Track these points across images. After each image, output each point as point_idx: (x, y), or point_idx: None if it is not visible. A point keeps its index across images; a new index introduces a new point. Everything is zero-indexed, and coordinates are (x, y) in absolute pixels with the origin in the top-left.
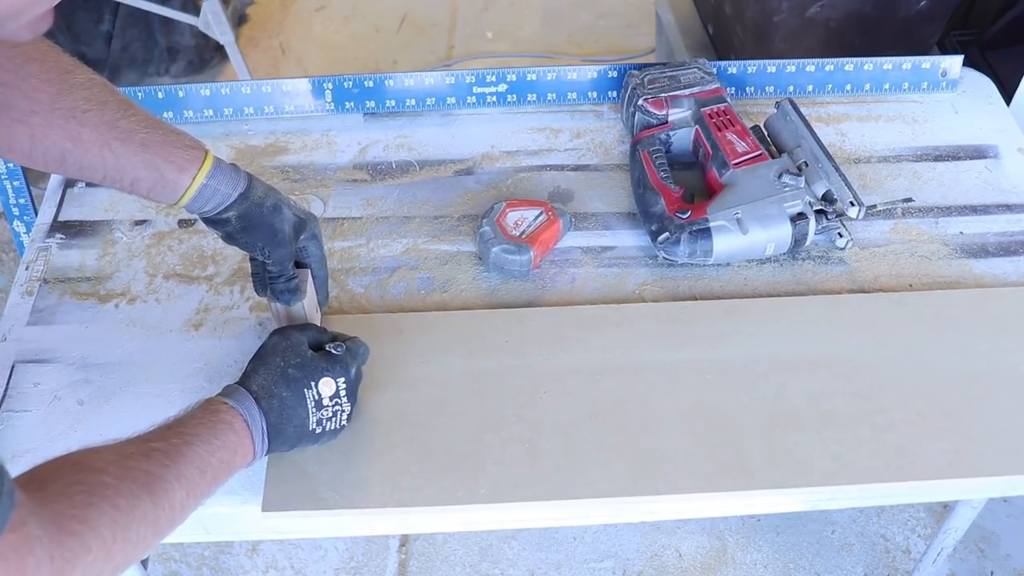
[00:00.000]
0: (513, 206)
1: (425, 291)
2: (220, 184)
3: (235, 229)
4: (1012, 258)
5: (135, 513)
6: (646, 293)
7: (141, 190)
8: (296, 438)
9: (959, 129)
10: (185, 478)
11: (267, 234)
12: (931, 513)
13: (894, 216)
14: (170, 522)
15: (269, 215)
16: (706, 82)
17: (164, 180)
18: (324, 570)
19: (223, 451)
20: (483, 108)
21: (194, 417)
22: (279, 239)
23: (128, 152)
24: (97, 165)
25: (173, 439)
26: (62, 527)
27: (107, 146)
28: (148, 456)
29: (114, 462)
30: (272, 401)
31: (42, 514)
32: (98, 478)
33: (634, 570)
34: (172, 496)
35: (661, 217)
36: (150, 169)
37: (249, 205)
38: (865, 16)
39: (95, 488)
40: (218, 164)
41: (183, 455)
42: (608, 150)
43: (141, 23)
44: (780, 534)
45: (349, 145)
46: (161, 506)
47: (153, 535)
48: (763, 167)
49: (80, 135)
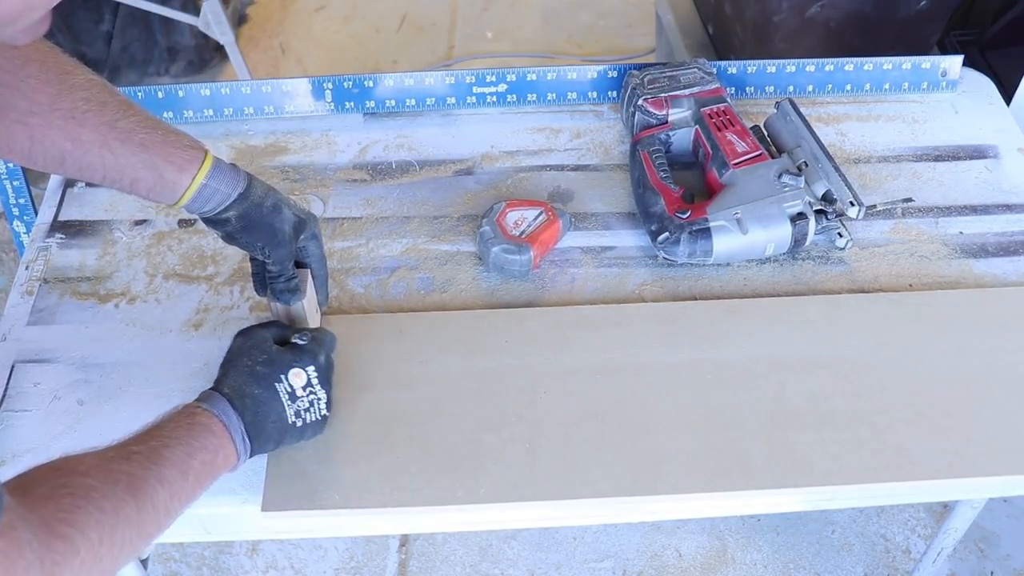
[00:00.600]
0: (513, 206)
1: (425, 291)
2: (220, 184)
3: (235, 229)
4: (1012, 258)
5: (120, 515)
6: (646, 293)
7: (141, 190)
8: (279, 434)
9: (959, 129)
10: (167, 480)
11: (267, 234)
12: (931, 513)
13: (894, 216)
14: (155, 524)
15: (269, 215)
16: (706, 82)
17: (164, 180)
18: (324, 570)
19: (203, 453)
20: (483, 108)
21: (171, 421)
22: (279, 239)
23: (127, 152)
24: (96, 165)
25: (152, 443)
26: (51, 530)
27: (106, 146)
28: (129, 459)
29: (96, 465)
30: (245, 400)
31: (30, 518)
32: (83, 481)
33: (634, 570)
34: (155, 498)
35: (661, 217)
36: (149, 169)
37: (249, 205)
38: (865, 16)
39: (80, 491)
40: (218, 164)
41: (163, 458)
42: (608, 150)
43: (141, 23)
44: (780, 534)
45: (349, 145)
46: (145, 508)
47: (138, 537)
48: (763, 167)
49: (79, 135)
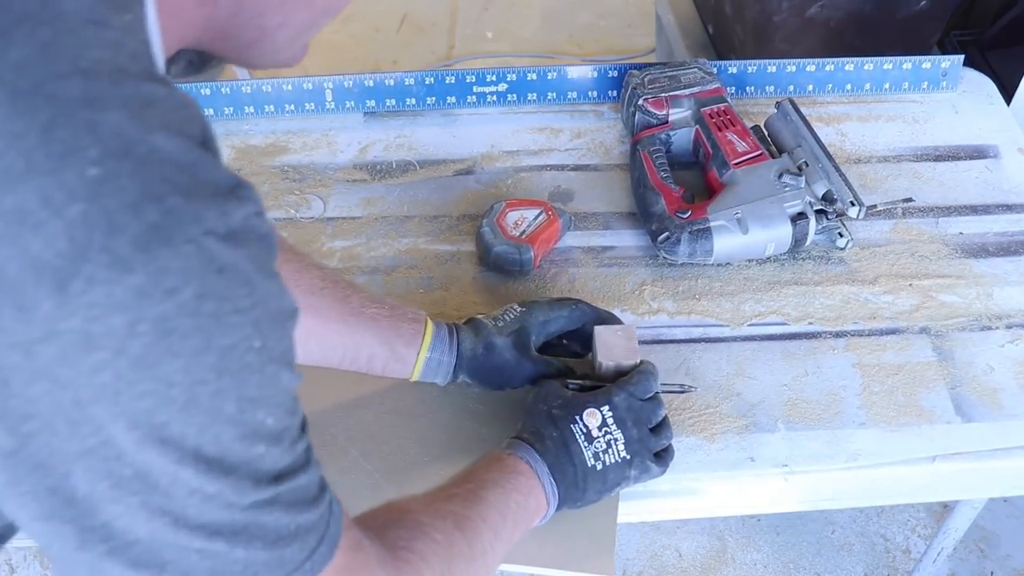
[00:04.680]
0: (513, 206)
1: (425, 291)
2: (442, 355)
3: (481, 386)
4: (1012, 258)
5: (453, 549)
6: (646, 293)
7: (377, 367)
8: (582, 479)
9: (959, 129)
10: (489, 520)
11: (496, 374)
12: (931, 513)
13: (894, 216)
14: (484, 566)
15: (486, 359)
16: (706, 82)
17: (396, 354)
18: None
19: (516, 494)
20: (483, 108)
21: (482, 467)
22: (510, 369)
23: (362, 328)
24: (336, 344)
25: (468, 485)
26: (395, 555)
27: (344, 322)
28: (450, 500)
29: (422, 503)
30: (546, 442)
31: (374, 540)
32: (412, 517)
33: (634, 570)
34: (482, 537)
35: (661, 217)
36: (383, 345)
37: (468, 363)
38: (865, 16)
39: (412, 525)
40: (437, 333)
41: (482, 499)
42: (608, 150)
43: None
44: (780, 534)
45: (349, 145)
46: (475, 545)
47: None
48: (763, 167)
49: (320, 311)
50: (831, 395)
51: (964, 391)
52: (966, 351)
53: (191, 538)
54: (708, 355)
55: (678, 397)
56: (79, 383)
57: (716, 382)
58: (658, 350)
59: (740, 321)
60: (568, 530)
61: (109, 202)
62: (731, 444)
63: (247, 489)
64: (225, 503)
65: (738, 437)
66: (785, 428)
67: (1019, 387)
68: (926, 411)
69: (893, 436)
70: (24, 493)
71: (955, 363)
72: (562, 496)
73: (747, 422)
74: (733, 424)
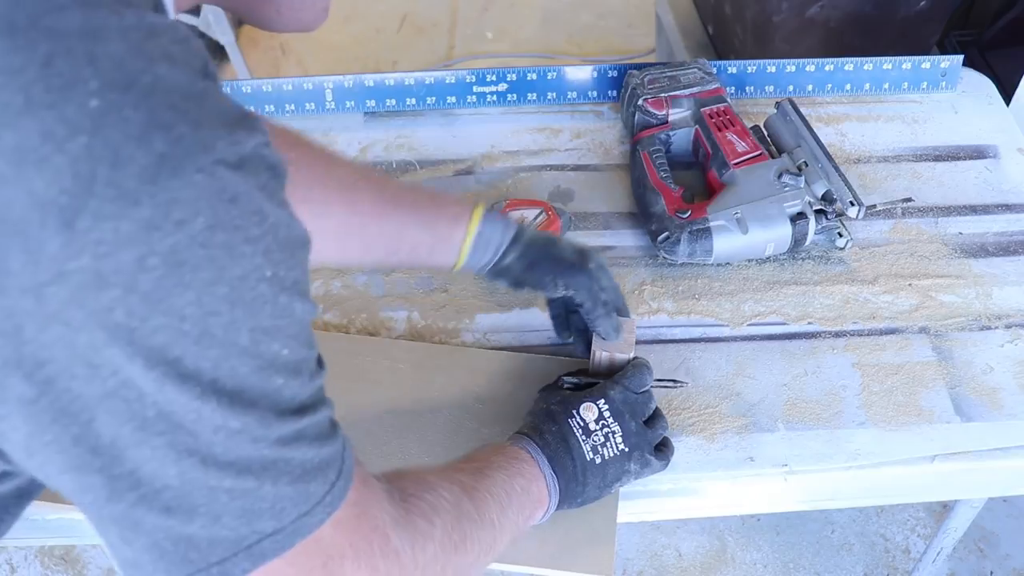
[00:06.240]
0: (513, 206)
1: (425, 291)
2: (493, 232)
3: (520, 270)
4: (1012, 258)
5: (462, 508)
6: (646, 293)
7: (422, 255)
8: (581, 472)
9: (959, 129)
10: (495, 495)
11: (554, 263)
12: (931, 513)
13: (894, 216)
14: (491, 537)
15: (548, 246)
16: (706, 82)
17: (440, 237)
18: None
19: (520, 478)
20: (483, 108)
21: (486, 452)
22: (570, 265)
23: (402, 215)
24: (376, 236)
25: (474, 464)
26: (406, 498)
27: (383, 212)
28: (458, 471)
29: (432, 471)
30: (545, 436)
31: (383, 481)
32: (422, 477)
33: (634, 570)
34: (489, 507)
35: (661, 217)
36: (426, 229)
37: (525, 244)
38: (865, 16)
39: (422, 484)
40: (488, 211)
41: (488, 476)
42: (608, 150)
43: None
44: (780, 534)
45: (349, 145)
46: (482, 512)
47: (478, 543)
48: (763, 167)
49: (356, 205)
50: (831, 395)
51: (964, 391)
52: (965, 351)
53: (220, 477)
54: (708, 355)
55: (678, 396)
56: (92, 324)
57: (716, 382)
58: (658, 350)
59: (740, 321)
60: (567, 530)
61: (113, 134)
62: (731, 444)
63: (271, 422)
64: (252, 438)
65: (738, 437)
66: (785, 428)
67: (1018, 387)
68: (926, 411)
69: (893, 436)
70: (48, 443)
71: (954, 363)
72: (562, 490)
73: (747, 422)
74: (733, 424)
